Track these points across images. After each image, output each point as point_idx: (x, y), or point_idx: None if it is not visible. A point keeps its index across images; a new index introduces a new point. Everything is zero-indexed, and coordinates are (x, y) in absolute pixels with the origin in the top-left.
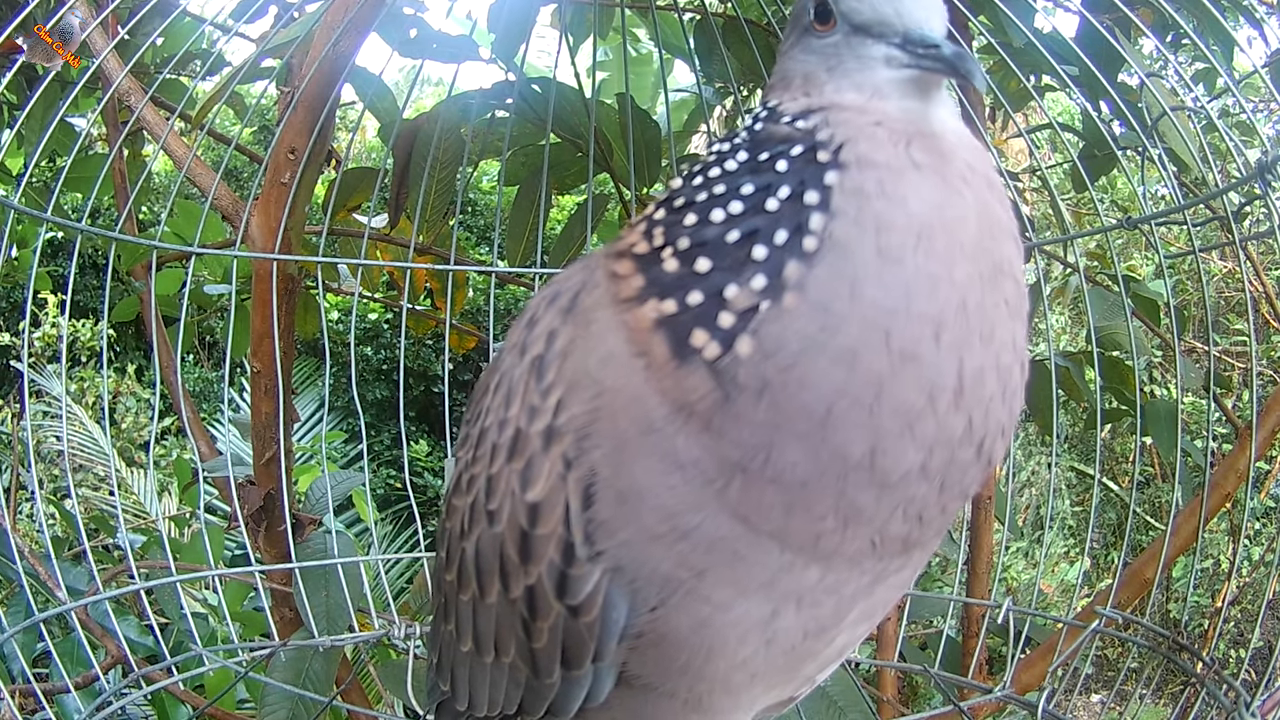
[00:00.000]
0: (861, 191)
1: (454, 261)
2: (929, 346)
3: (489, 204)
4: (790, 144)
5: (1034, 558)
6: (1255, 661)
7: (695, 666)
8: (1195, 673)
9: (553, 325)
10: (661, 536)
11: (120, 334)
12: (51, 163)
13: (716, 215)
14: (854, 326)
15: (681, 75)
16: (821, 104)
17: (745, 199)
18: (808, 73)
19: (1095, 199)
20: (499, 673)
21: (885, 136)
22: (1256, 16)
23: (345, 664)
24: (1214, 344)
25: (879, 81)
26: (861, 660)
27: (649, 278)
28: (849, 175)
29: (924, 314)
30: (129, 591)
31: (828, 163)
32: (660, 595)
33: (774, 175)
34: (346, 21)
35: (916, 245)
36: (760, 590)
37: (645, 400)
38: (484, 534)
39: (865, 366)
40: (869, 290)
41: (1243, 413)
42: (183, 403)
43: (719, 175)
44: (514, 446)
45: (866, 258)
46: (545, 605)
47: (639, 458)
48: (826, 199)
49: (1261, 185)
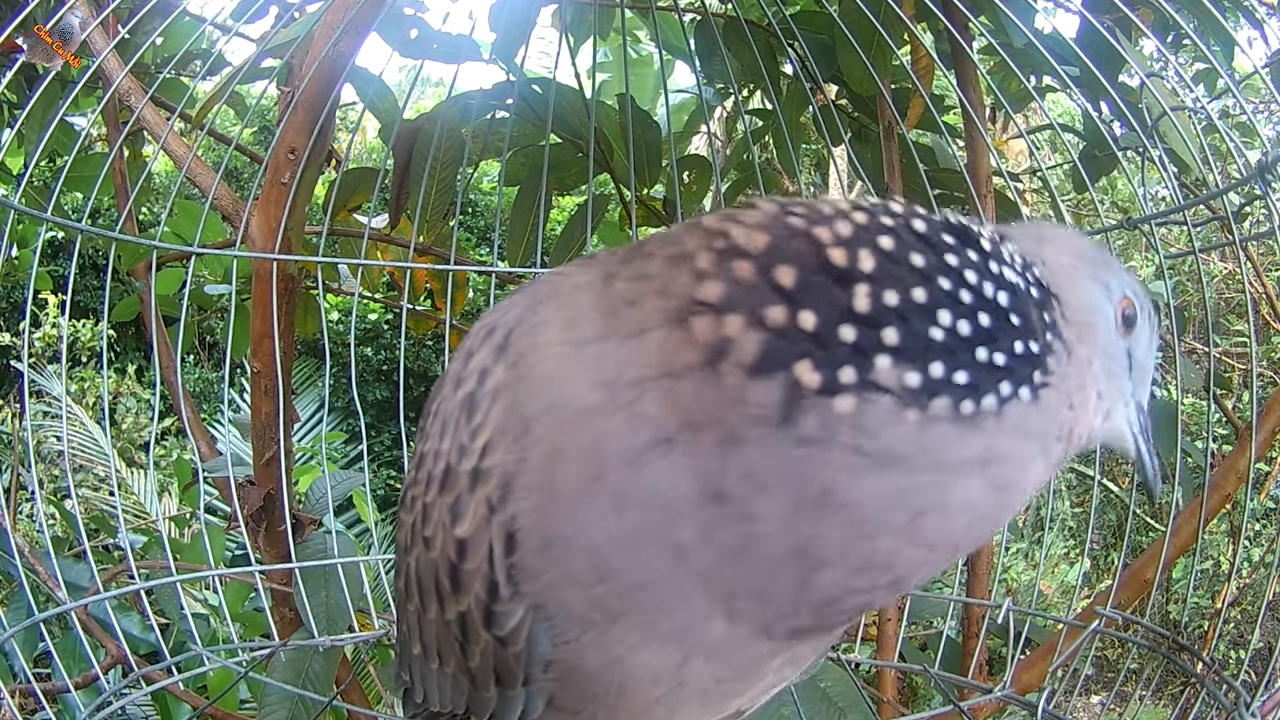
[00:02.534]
0: (1026, 433)
1: (454, 262)
2: (943, 543)
3: (489, 204)
4: (1034, 332)
5: (1034, 559)
6: (1255, 662)
7: (610, 699)
8: (1195, 673)
9: (485, 363)
10: (581, 581)
11: (120, 334)
12: (51, 162)
13: (942, 311)
14: (929, 493)
15: (682, 76)
16: (1076, 346)
17: (975, 326)
18: (1095, 329)
19: (1095, 200)
20: (444, 678)
21: (1061, 419)
22: (1257, 17)
23: (345, 664)
24: (1214, 345)
25: (1111, 408)
26: (861, 660)
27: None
28: (1034, 413)
29: (962, 530)
30: (129, 591)
31: (1035, 384)
32: (574, 633)
33: (1006, 338)
34: (346, 21)
35: (994, 470)
36: (671, 638)
37: (610, 442)
38: (422, 556)
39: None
40: (959, 488)
41: (1243, 414)
42: (183, 403)
43: (965, 279)
44: (445, 480)
45: (976, 466)
46: (475, 633)
47: (577, 503)
48: (1010, 398)
49: (1261, 186)
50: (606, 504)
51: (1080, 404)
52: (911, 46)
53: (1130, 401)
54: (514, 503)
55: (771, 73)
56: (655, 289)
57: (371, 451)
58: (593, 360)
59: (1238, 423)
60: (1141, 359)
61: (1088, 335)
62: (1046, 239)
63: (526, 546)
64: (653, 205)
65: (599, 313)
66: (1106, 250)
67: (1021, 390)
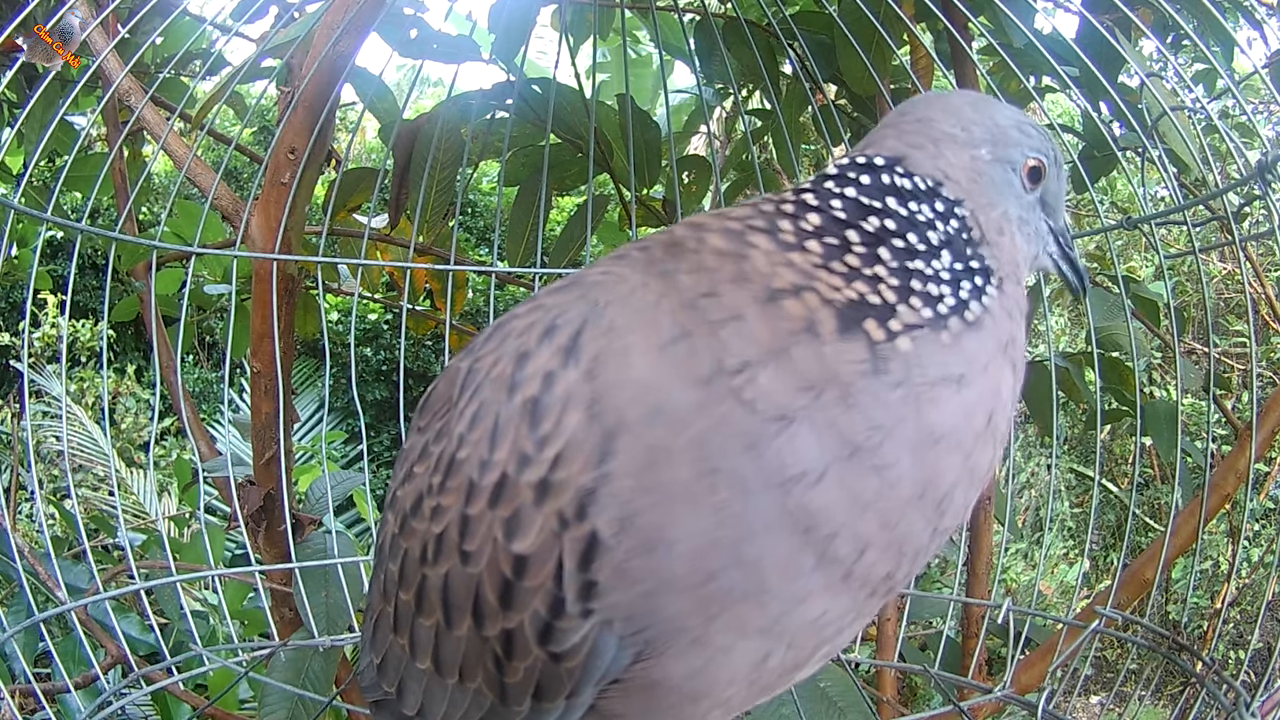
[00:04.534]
0: (1007, 310)
1: (454, 262)
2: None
3: (489, 204)
4: (976, 245)
5: (1033, 559)
6: (1255, 662)
7: (678, 708)
8: (1195, 673)
9: (549, 367)
10: (686, 583)
11: (120, 334)
12: (51, 162)
13: (918, 264)
14: (979, 392)
15: (681, 76)
16: (998, 239)
17: (936, 267)
18: (1002, 211)
19: (1095, 200)
20: (460, 694)
21: (1016, 284)
22: (1257, 17)
23: (345, 664)
24: (1214, 345)
25: (1038, 253)
26: (861, 660)
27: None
28: (1004, 297)
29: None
30: (129, 591)
31: (994, 283)
32: (662, 645)
33: (970, 259)
34: (346, 21)
35: (1008, 351)
36: (763, 632)
37: (718, 434)
38: (455, 571)
39: (969, 425)
40: (992, 376)
41: (1242, 414)
42: (183, 403)
43: (923, 222)
44: (498, 492)
45: (996, 353)
46: (524, 649)
47: (688, 501)
48: (983, 297)
49: (1261, 186)
50: (723, 495)
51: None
52: (911, 46)
53: (1048, 238)
54: (596, 515)
55: (771, 73)
56: (729, 278)
57: (371, 451)
58: (683, 358)
59: (1237, 423)
60: (1053, 196)
61: (1005, 225)
62: (941, 141)
63: (616, 557)
64: (652, 205)
65: (674, 310)
66: (998, 115)
67: (989, 288)
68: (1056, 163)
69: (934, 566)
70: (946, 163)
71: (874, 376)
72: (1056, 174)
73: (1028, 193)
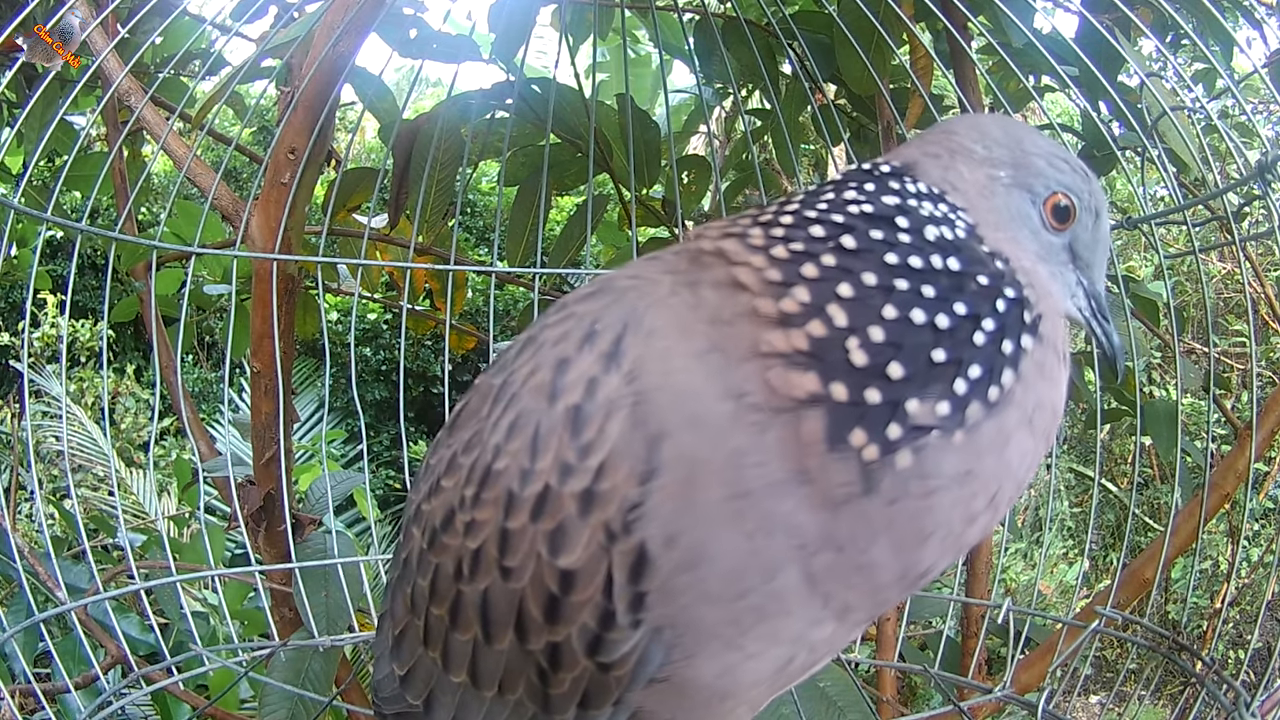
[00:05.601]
0: (1041, 367)
1: (454, 262)
2: (1005, 498)
3: (489, 204)
4: (997, 280)
5: (1033, 559)
6: (1254, 662)
7: (708, 706)
8: (1195, 673)
9: (592, 372)
10: (721, 599)
11: (120, 334)
12: (51, 162)
13: (918, 317)
14: (984, 480)
15: (681, 76)
16: (1026, 269)
17: (953, 318)
18: (1011, 236)
19: None
20: (499, 706)
21: (1060, 332)
22: (1256, 17)
23: (345, 664)
24: (1213, 345)
25: (1069, 308)
26: (861, 660)
27: (813, 345)
28: (1039, 348)
29: (1017, 481)
30: (129, 591)
31: (1030, 325)
32: (698, 648)
33: (986, 307)
34: (346, 22)
35: (1033, 420)
36: (790, 641)
37: (748, 459)
38: (495, 587)
39: (965, 512)
40: (1009, 454)
41: (1242, 414)
42: (182, 403)
43: (919, 268)
44: (541, 505)
45: (1018, 427)
46: (571, 661)
47: (722, 521)
48: (1018, 360)
49: (1261, 186)
50: (751, 524)
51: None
52: (910, 46)
53: (1077, 291)
54: (645, 526)
55: (771, 72)
56: (740, 311)
57: (371, 451)
58: (717, 369)
59: (1237, 423)
60: (1086, 248)
61: (1011, 249)
62: (957, 153)
63: (662, 570)
64: (652, 205)
65: (704, 323)
66: (1026, 141)
67: (1025, 338)
68: (1095, 212)
69: None
70: (957, 174)
71: (863, 498)
72: (1093, 224)
73: (1049, 232)
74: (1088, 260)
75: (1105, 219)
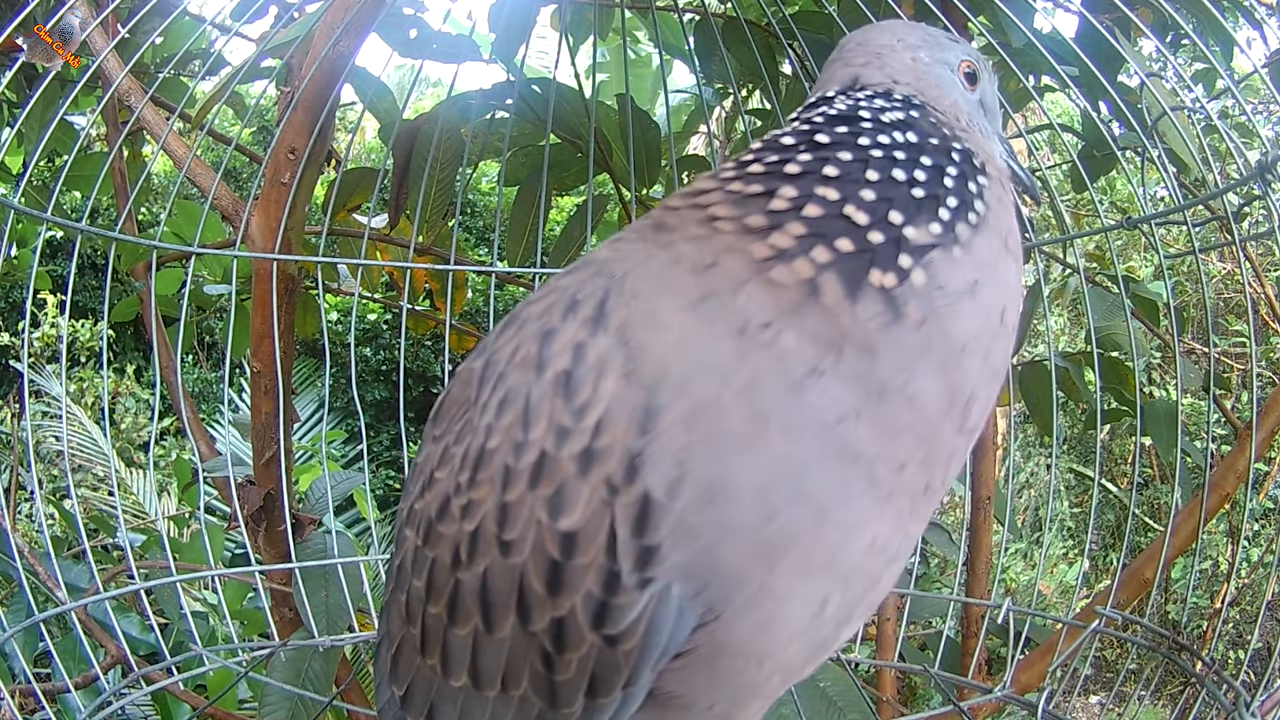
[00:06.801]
0: (1000, 199)
1: (454, 262)
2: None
3: (489, 204)
4: (948, 141)
5: (1033, 559)
6: (1254, 662)
7: (746, 675)
8: (1195, 673)
9: (579, 338)
10: (748, 526)
11: (120, 334)
12: (51, 162)
13: (899, 175)
14: (992, 292)
15: (681, 76)
16: (964, 127)
17: (927, 170)
18: (953, 101)
19: (1095, 200)
20: (503, 706)
21: (1002, 169)
22: (1256, 17)
23: (345, 664)
24: (1213, 345)
25: (994, 150)
26: (861, 660)
27: (810, 228)
28: (992, 184)
29: (1016, 298)
30: (129, 591)
31: (980, 168)
32: (726, 600)
33: (948, 158)
34: (346, 21)
35: (1008, 243)
36: (821, 571)
37: (764, 379)
38: (495, 565)
39: (987, 326)
40: (1002, 271)
41: (1242, 414)
42: (182, 403)
43: (887, 143)
44: (538, 472)
45: (1000, 248)
46: (577, 637)
47: (743, 443)
48: (983, 192)
49: (1261, 186)
50: (776, 435)
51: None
52: None
53: (993, 138)
54: (648, 475)
55: (771, 73)
56: (722, 248)
57: (371, 451)
58: (715, 314)
59: (1237, 423)
60: (990, 102)
61: (960, 115)
62: (883, 53)
63: (673, 514)
64: (652, 205)
65: (687, 274)
66: (922, 28)
67: (979, 177)
68: (987, 70)
69: (934, 566)
70: (892, 69)
71: (896, 324)
72: (989, 80)
73: (969, 92)
74: (993, 112)
75: (994, 76)
